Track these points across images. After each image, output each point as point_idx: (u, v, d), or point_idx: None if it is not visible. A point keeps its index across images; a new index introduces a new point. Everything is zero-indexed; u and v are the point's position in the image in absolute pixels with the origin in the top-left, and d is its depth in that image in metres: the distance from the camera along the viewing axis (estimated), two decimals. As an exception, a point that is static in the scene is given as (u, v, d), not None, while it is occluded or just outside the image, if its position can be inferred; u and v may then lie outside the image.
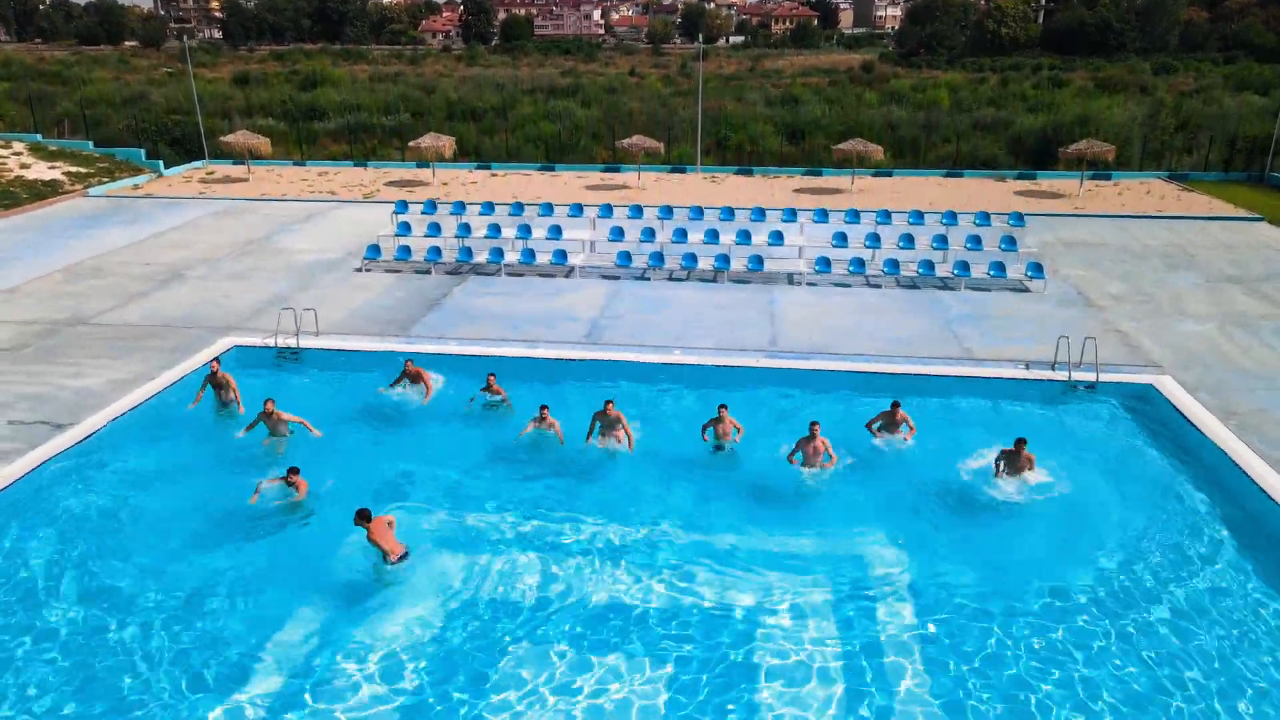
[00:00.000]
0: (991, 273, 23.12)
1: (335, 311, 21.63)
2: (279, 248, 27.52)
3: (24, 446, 15.04)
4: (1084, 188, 35.97)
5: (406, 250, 24.84)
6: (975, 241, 24.49)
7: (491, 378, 17.00)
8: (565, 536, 13.35)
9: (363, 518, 12.13)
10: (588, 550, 13.02)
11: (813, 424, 14.51)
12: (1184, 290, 23.10)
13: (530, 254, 24.45)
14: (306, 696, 10.32)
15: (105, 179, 37.47)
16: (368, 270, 24.96)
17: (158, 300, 22.69)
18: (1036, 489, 14.06)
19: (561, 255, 24.38)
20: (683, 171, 40.24)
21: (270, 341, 19.62)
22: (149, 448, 15.70)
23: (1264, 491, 13.41)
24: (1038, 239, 27.97)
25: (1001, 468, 14.29)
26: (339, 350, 19.35)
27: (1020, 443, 14.17)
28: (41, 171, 37.21)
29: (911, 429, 15.65)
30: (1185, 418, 15.98)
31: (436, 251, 24.74)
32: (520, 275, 24.52)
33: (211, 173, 40.61)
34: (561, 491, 14.49)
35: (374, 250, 25.05)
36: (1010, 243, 24.44)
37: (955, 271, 23.11)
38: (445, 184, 37.44)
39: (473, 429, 16.44)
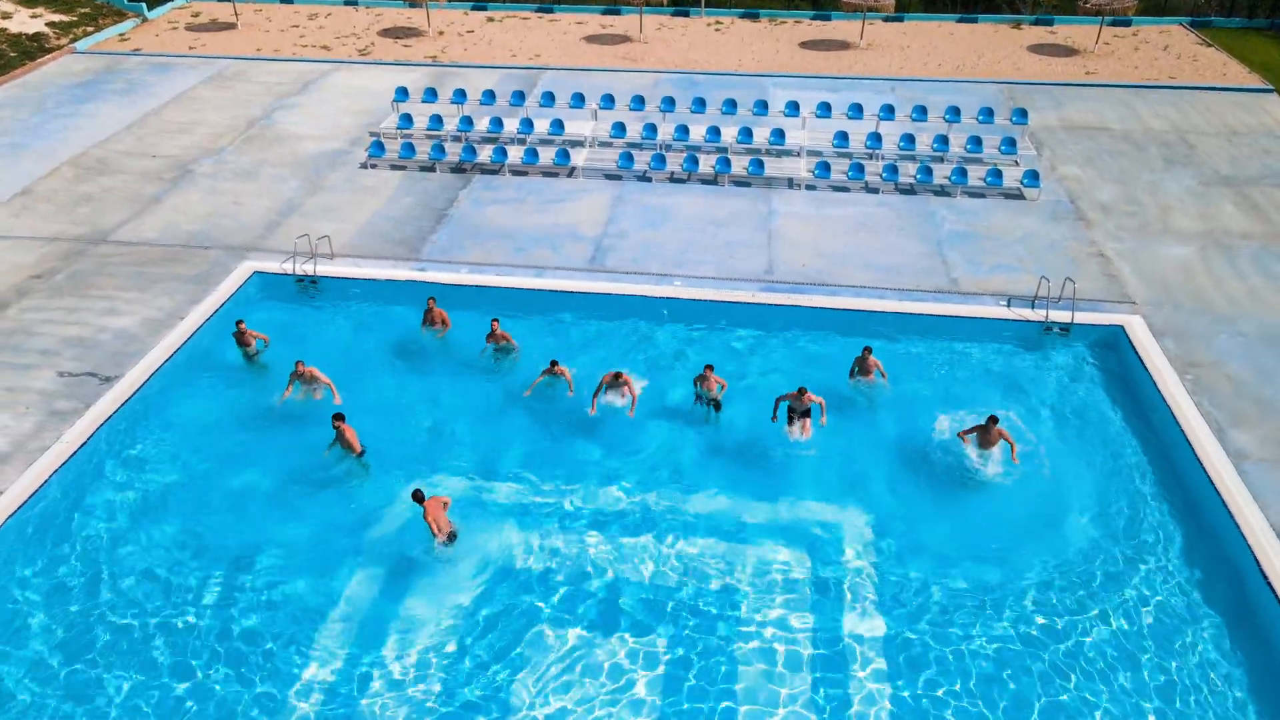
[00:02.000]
0: (988, 180, 23.48)
1: (347, 226, 22.29)
2: (280, 132, 27.48)
3: (79, 405, 16.49)
4: (1100, 39, 34.86)
5: (410, 148, 24.98)
6: (975, 143, 24.59)
7: (495, 323, 18.07)
8: (577, 494, 15.13)
9: (417, 498, 13.67)
10: (601, 508, 14.83)
11: (802, 389, 15.86)
12: (1174, 199, 23.52)
13: (533, 153, 24.64)
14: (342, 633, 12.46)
15: (89, 27, 36.27)
16: (373, 167, 25.22)
17: (171, 209, 23.23)
18: (1003, 461, 15.54)
19: (564, 155, 24.58)
20: (686, 15, 38.71)
21: (289, 268, 20.52)
22: (192, 403, 17.19)
23: (1204, 471, 14.95)
24: (1041, 120, 27.85)
25: (972, 441, 15.73)
26: (356, 279, 20.28)
27: (992, 420, 15.45)
28: (24, 21, 35.95)
29: (883, 374, 17.02)
30: (1146, 369, 17.28)
31: (440, 149, 24.90)
32: (524, 175, 24.83)
33: (197, 15, 39.09)
34: (573, 448, 16.13)
35: (378, 148, 25.20)
36: (1010, 145, 24.55)
37: (952, 179, 23.48)
38: (441, 33, 36.30)
39: (491, 382, 17.76)
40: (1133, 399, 17.20)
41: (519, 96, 27.27)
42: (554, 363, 16.93)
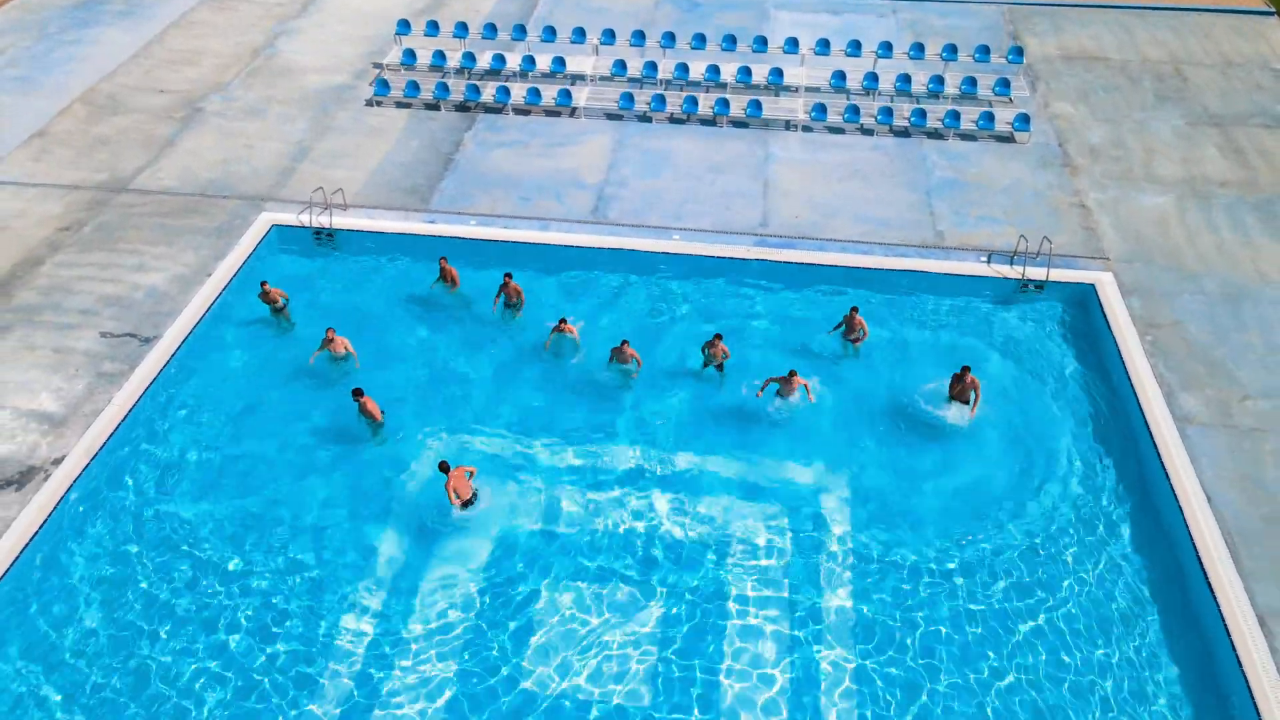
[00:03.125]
0: (980, 124, 24.07)
1: (358, 173, 23.09)
2: (285, 64, 27.72)
3: (125, 367, 17.91)
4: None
5: (415, 86, 25.41)
6: (971, 84, 24.98)
7: (508, 277, 19.29)
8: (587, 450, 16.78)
9: (443, 468, 15.26)
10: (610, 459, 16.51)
11: (793, 370, 17.23)
12: (1160, 141, 24.13)
13: (536, 93, 25.11)
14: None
15: (79, -65, 35.53)
16: (378, 104, 25.71)
17: (186, 153, 23.93)
18: (970, 412, 17.17)
19: (566, 95, 25.06)
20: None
21: (305, 220, 21.51)
22: (226, 363, 18.65)
23: (1150, 433, 16.50)
24: (1039, 49, 28.05)
25: (948, 391, 17.27)
26: (369, 232, 21.30)
27: (964, 370, 17.01)
28: (11, -70, 35.20)
29: (865, 333, 18.38)
30: (1110, 330, 18.59)
31: (444, 88, 25.35)
32: (527, 114, 25.36)
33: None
34: (581, 406, 17.67)
35: (383, 86, 25.61)
36: (1005, 85, 24.97)
37: (946, 122, 24.07)
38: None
39: (503, 338, 19.14)
40: (1097, 358, 18.60)
41: (520, 30, 27.39)
42: (562, 320, 18.25)
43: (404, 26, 27.54)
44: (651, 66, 25.69)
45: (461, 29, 27.06)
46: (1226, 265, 20.19)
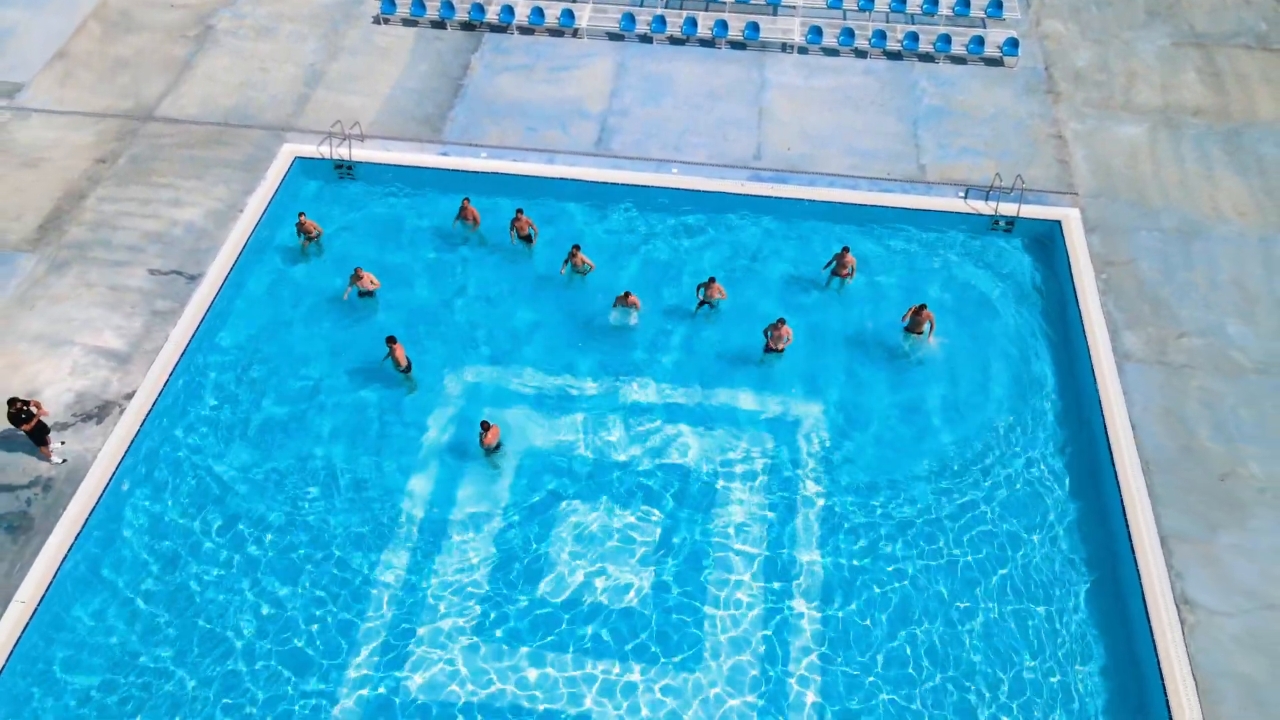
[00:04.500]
0: (970, 48, 24.88)
1: (372, 100, 24.18)
2: (290, -27, 28.08)
3: (175, 305, 19.84)
4: None
5: (420, 4, 26.01)
6: (964, 4, 25.55)
7: (520, 212, 20.94)
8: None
9: (484, 427, 17.42)
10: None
11: (781, 320, 19.13)
12: (1143, 63, 24.96)
13: (539, 13, 25.76)
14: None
15: None
16: (385, 22, 26.37)
17: (204, 78, 24.82)
18: (921, 347, 19.37)
19: (569, 15, 25.72)
20: None
21: (326, 152, 22.85)
22: (266, 295, 20.57)
23: (1092, 369, 18.59)
24: (1037, -43, 28.31)
25: (906, 324, 19.33)
26: (387, 164, 22.70)
27: (921, 306, 18.98)
28: None
29: (853, 271, 20.22)
30: (1069, 269, 20.36)
31: (450, 6, 25.96)
32: (531, 34, 26.08)
33: None
34: (590, 341, 19.76)
35: (389, 3, 26.19)
36: (997, 6, 25.55)
37: (937, 46, 24.88)
38: None
39: (518, 271, 21.01)
40: (1058, 295, 20.47)
41: (522, -56, 27.55)
42: (575, 248, 20.06)
43: (407, -61, 27.68)
44: (653, -16, 26.18)
45: (464, -58, 27.27)
46: (1186, 201, 21.71)
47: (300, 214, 20.84)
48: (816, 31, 25.25)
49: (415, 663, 15.42)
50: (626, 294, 19.46)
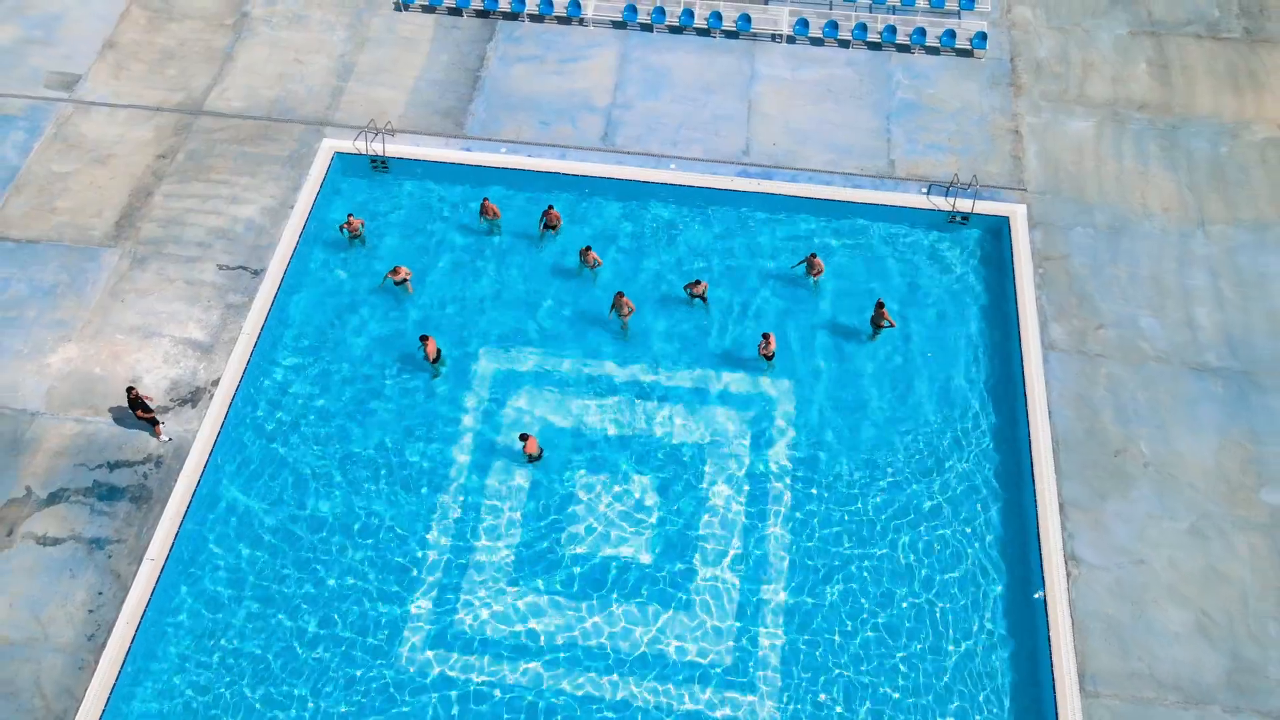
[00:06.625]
0: (944, 41, 27.26)
1: (399, 93, 26.83)
2: (313, -45, 30.01)
3: (245, 298, 23.23)
4: None
5: (439, -8, 28.26)
6: (940, -2, 27.77)
7: (550, 208, 24.13)
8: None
9: (523, 437, 21.05)
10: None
11: (767, 335, 22.54)
12: (1099, 54, 27.34)
13: (549, 2, 27.99)
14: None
15: None
16: (405, 9, 28.59)
17: (245, 69, 27.33)
18: (880, 342, 22.88)
19: (576, 5, 27.96)
20: None
21: (361, 147, 25.70)
22: (322, 288, 23.93)
23: (1021, 359, 22.15)
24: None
25: (871, 318, 22.80)
26: (416, 159, 25.60)
27: (879, 304, 22.39)
28: None
29: (822, 270, 23.51)
30: (1011, 264, 23.61)
31: (465, -4, 28.22)
32: (540, 22, 28.35)
33: None
34: (596, 329, 23.28)
35: (409, -8, 28.41)
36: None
37: (913, 39, 27.26)
38: None
39: (541, 263, 24.32)
40: (1000, 287, 23.77)
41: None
42: (587, 248, 23.38)
43: (423, -74, 29.45)
44: (653, -26, 28.24)
45: (476, -69, 29.09)
46: (1119, 196, 24.72)
47: (349, 214, 24.01)
48: (803, 23, 27.55)
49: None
50: (619, 295, 22.70)
